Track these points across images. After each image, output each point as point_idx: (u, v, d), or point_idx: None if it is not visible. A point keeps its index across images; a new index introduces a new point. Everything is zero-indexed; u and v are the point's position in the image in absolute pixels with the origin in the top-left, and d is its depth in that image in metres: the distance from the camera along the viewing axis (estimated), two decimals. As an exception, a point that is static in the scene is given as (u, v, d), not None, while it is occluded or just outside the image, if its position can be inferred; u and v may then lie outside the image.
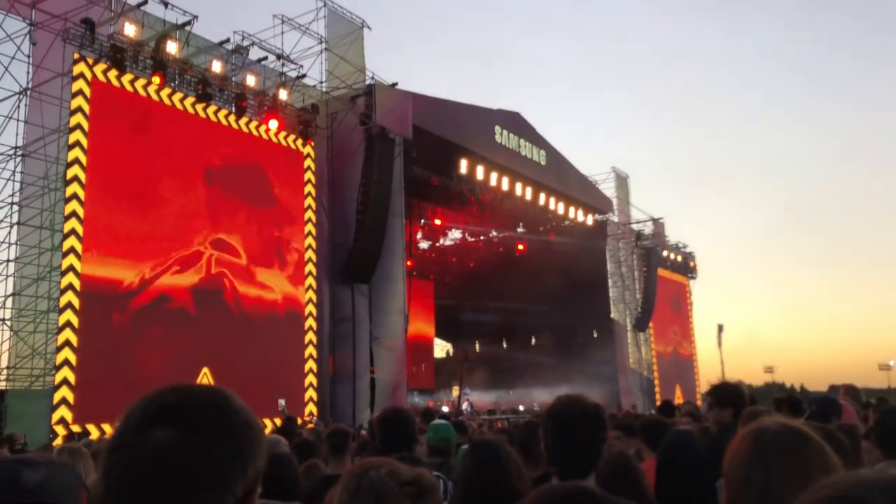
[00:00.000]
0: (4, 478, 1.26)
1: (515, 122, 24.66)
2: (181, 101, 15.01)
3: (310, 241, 17.18)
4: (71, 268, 12.73)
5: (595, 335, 29.94)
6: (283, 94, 16.59)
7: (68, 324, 12.55)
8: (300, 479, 4.15)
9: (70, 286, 12.67)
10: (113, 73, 13.83)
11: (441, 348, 36.51)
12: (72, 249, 12.78)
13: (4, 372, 12.88)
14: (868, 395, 11.10)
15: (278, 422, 13.47)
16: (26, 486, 1.25)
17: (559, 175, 26.44)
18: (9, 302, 13.09)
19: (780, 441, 1.60)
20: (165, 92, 14.72)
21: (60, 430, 12.01)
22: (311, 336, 16.74)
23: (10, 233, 13.18)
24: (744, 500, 1.54)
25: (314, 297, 17.01)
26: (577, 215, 28.46)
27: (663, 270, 32.02)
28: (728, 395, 4.59)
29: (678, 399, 30.20)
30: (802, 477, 1.43)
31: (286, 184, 16.89)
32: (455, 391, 27.42)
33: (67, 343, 12.49)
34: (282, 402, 14.42)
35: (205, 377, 14.13)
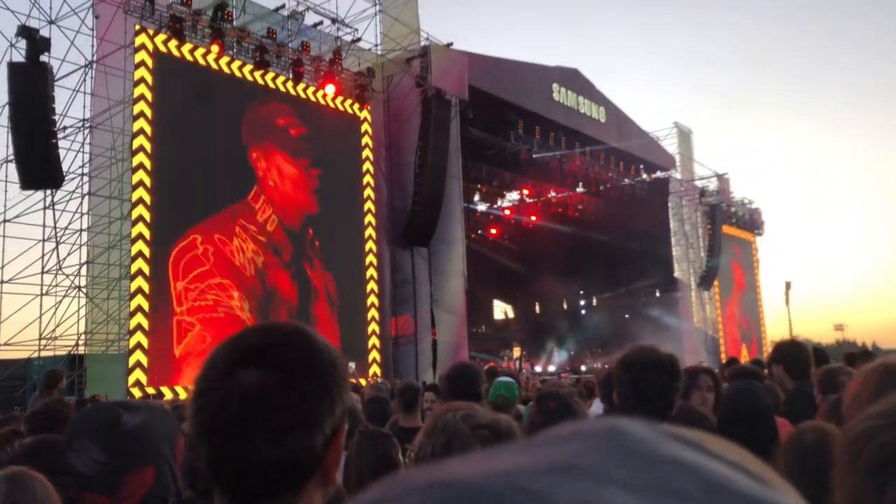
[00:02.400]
0: (106, 418, 1.32)
1: (573, 79, 24.21)
2: (239, 68, 15.16)
3: (369, 205, 17.30)
4: (140, 236, 13.07)
5: (658, 294, 29.59)
6: (339, 59, 16.60)
7: (140, 290, 12.94)
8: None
9: (140, 254, 13.02)
10: (173, 44, 14.02)
11: (501, 310, 36.63)
12: (140, 218, 13.11)
13: (83, 337, 13.42)
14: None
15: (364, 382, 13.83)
16: (126, 427, 1.29)
17: (619, 132, 25.93)
18: (83, 270, 13.58)
19: None
20: (224, 60, 14.88)
21: (136, 392, 12.45)
22: (373, 299, 16.95)
23: (81, 203, 13.63)
24: None
25: (374, 261, 17.17)
26: (639, 173, 27.95)
27: (728, 227, 31.25)
28: (780, 353, 4.38)
29: (743, 358, 29.71)
30: None
31: (344, 149, 16.99)
32: (516, 352, 27.53)
33: (139, 309, 12.88)
34: (352, 365, 14.64)
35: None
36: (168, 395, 12.51)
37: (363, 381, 15.37)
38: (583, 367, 25.78)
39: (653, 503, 0.31)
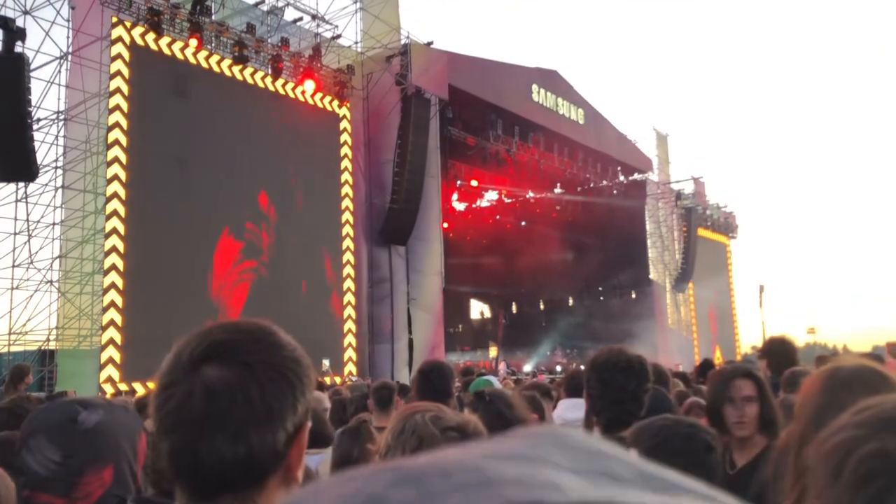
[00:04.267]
0: (63, 417, 1.28)
1: (553, 81, 24.30)
2: (218, 63, 15.04)
3: (346, 202, 17.24)
4: (114, 230, 12.93)
5: (633, 296, 29.80)
6: (318, 55, 16.51)
7: (113, 285, 12.79)
8: (330, 430, 4.30)
9: (114, 248, 12.88)
10: (151, 37, 13.87)
11: (477, 309, 36.68)
12: (115, 212, 12.97)
13: (53, 332, 13.24)
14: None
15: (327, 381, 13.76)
16: (84, 425, 1.27)
17: (597, 134, 26.07)
18: (55, 264, 13.39)
19: (856, 378, 1.57)
20: (202, 55, 14.75)
21: (108, 388, 12.32)
22: (349, 297, 16.90)
23: (54, 196, 13.44)
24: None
25: (352, 259, 17.12)
26: (617, 175, 28.13)
27: (703, 230, 31.58)
28: (768, 347, 4.55)
29: (717, 360, 30.00)
30: None
31: (323, 146, 16.91)
32: (492, 351, 27.58)
33: (113, 304, 12.74)
34: (326, 362, 14.58)
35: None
36: (141, 391, 12.38)
37: (338, 380, 15.33)
38: (557, 368, 25.88)
39: (589, 482, 0.33)
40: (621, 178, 28.59)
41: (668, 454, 1.85)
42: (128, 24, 13.57)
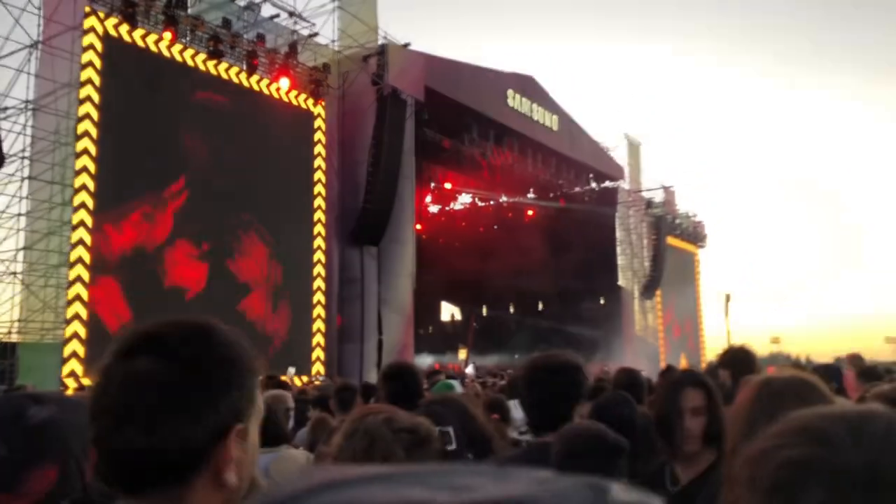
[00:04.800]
0: (10, 412, 1.26)
1: (528, 87, 24.42)
2: (192, 57, 14.90)
3: (319, 202, 17.16)
4: (81, 223, 12.76)
5: (602, 302, 30.04)
6: (294, 53, 16.43)
7: (79, 278, 12.62)
8: (283, 428, 4.30)
9: (81, 241, 12.71)
10: (124, 28, 13.71)
11: (447, 311, 36.70)
12: (82, 205, 12.80)
13: (16, 325, 13.02)
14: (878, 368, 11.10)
15: (298, 382, 13.68)
16: (31, 421, 1.25)
17: (571, 141, 26.25)
18: (20, 256, 13.17)
19: (787, 390, 1.61)
20: (177, 48, 14.61)
21: (71, 382, 12.14)
22: (319, 296, 16.82)
23: (20, 187, 13.22)
24: None
25: (322, 258, 17.04)
26: (589, 181, 28.35)
27: (672, 238, 31.93)
28: (729, 356, 4.58)
29: (683, 367, 30.29)
30: None
31: (296, 144, 16.83)
32: (462, 354, 27.59)
33: (78, 297, 12.56)
34: (292, 370, 14.50)
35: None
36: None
37: (305, 379, 15.27)
38: (510, 371, 25.89)
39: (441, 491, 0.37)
40: (593, 185, 28.82)
41: (576, 458, 1.94)
42: (101, 15, 13.40)
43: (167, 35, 14.30)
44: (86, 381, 12.15)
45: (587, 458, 1.97)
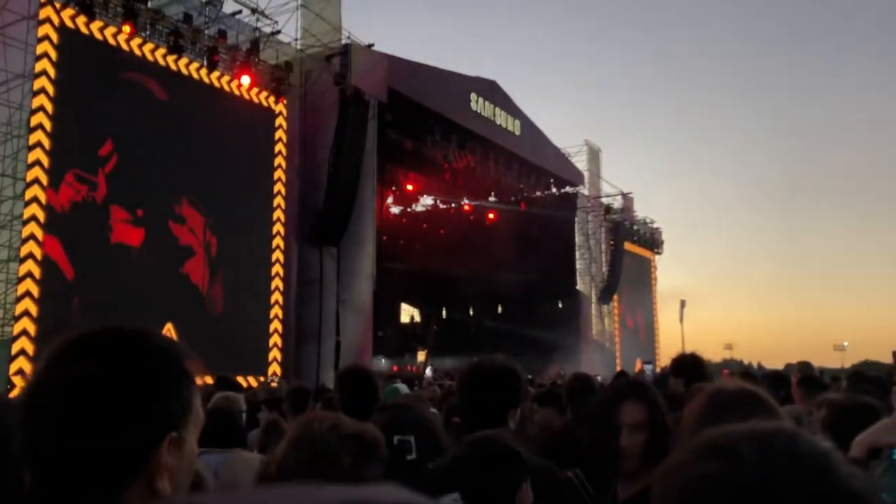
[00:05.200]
0: None
1: (492, 91, 24.53)
2: (152, 52, 14.66)
3: (279, 200, 17.00)
4: (33, 217, 12.46)
5: (560, 305, 30.29)
6: (256, 50, 16.26)
7: (29, 274, 12.32)
8: (241, 430, 4.28)
9: (32, 236, 12.41)
10: (81, 20, 13.42)
11: (407, 313, 36.61)
12: (35, 199, 12.50)
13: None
14: (825, 376, 11.39)
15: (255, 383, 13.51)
16: None
17: (533, 146, 26.43)
18: (-32, 250, 12.83)
19: (735, 401, 1.65)
20: (136, 42, 14.35)
21: (18, 381, 11.84)
22: (277, 296, 16.66)
23: (-30, 179, 12.88)
24: None
25: (281, 257, 16.89)
26: (549, 187, 28.59)
27: (630, 244, 32.36)
28: (680, 364, 4.63)
29: (637, 370, 30.68)
30: None
31: (257, 142, 16.66)
32: (420, 356, 27.58)
33: (28, 294, 12.27)
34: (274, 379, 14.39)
35: (168, 332, 14.00)
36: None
37: (260, 379, 15.13)
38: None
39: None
40: (554, 190, 29.05)
41: (469, 466, 1.97)
42: (57, 5, 13.10)
43: (126, 28, 14.04)
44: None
45: (485, 466, 1.99)
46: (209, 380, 8.22)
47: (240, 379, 13.07)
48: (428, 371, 23.25)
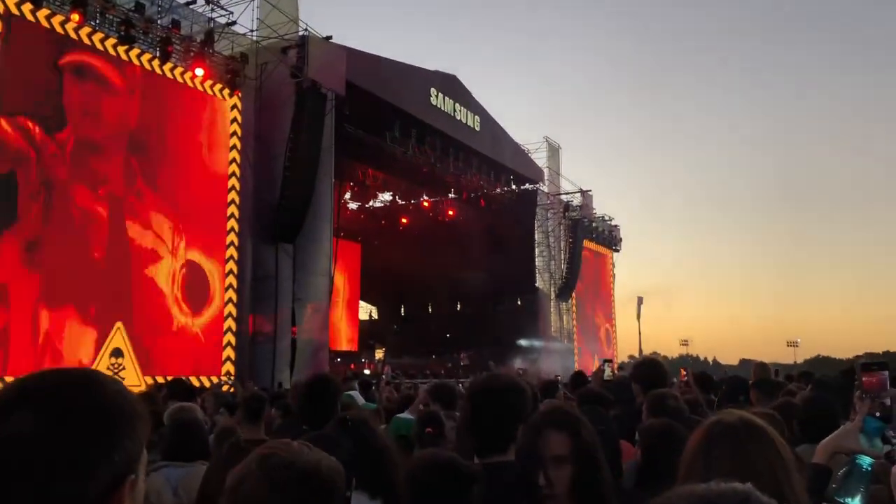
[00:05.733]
0: None
1: (452, 86, 24.39)
2: (101, 41, 14.18)
3: (233, 195, 16.60)
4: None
5: (519, 303, 30.36)
6: (210, 41, 15.86)
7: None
8: (205, 443, 4.16)
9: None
10: (27, 7, 12.92)
11: (365, 310, 36.38)
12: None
13: None
14: (780, 373, 11.51)
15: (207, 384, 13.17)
16: None
17: (492, 142, 26.38)
18: None
19: (727, 434, 1.65)
20: (85, 31, 13.87)
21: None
22: (230, 294, 16.29)
23: None
24: None
25: (235, 254, 16.51)
26: (509, 183, 28.57)
27: (588, 242, 32.56)
28: (640, 372, 4.63)
29: (595, 369, 30.91)
30: (743, 470, 1.41)
31: (209, 135, 16.26)
32: (378, 354, 27.39)
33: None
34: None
35: (118, 332, 13.61)
36: None
37: (215, 379, 14.82)
38: (442, 372, 25.95)
39: None
40: (513, 186, 29.05)
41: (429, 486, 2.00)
42: (2, -9, 12.58)
43: (74, 17, 13.55)
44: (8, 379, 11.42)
45: (440, 487, 2.00)
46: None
47: (193, 380, 12.79)
48: (387, 370, 23.02)
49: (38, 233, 12.71)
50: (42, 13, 13.14)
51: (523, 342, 27.83)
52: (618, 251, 36.98)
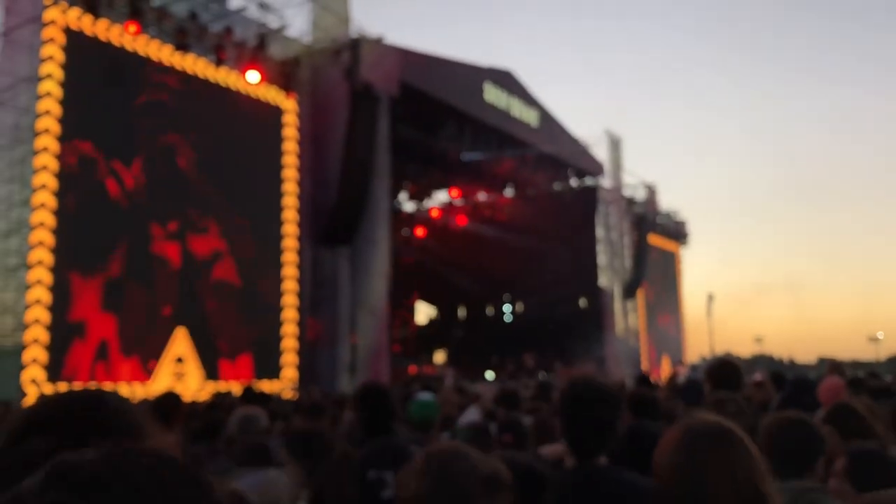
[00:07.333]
0: None
1: (506, 81, 24.01)
2: (157, 51, 14.41)
3: (289, 200, 16.68)
4: (42, 223, 12.29)
5: (582, 302, 29.67)
6: (263, 46, 15.96)
7: (39, 281, 12.15)
8: (271, 450, 4.15)
9: (41, 242, 12.24)
10: (87, 20, 13.22)
11: (424, 313, 36.23)
12: (43, 204, 12.33)
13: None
14: (858, 369, 10.94)
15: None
16: None
17: (550, 136, 25.85)
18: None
19: (703, 438, 1.70)
20: (142, 41, 14.12)
21: (32, 389, 11.69)
22: (290, 298, 16.34)
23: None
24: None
25: (294, 259, 16.57)
26: (568, 178, 28.03)
27: (654, 237, 31.64)
28: (715, 372, 4.43)
29: (665, 370, 30.10)
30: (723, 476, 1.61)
31: (266, 140, 16.36)
32: (439, 357, 27.20)
33: (38, 301, 12.10)
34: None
35: (179, 339, 13.79)
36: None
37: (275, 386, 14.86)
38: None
39: None
40: (573, 182, 28.49)
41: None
42: (63, 6, 12.93)
43: (132, 27, 13.82)
44: (48, 388, 11.70)
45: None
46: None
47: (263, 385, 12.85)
48: (449, 371, 22.78)
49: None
50: (100, 25, 13.42)
51: (587, 343, 27.20)
52: (685, 246, 35.99)
